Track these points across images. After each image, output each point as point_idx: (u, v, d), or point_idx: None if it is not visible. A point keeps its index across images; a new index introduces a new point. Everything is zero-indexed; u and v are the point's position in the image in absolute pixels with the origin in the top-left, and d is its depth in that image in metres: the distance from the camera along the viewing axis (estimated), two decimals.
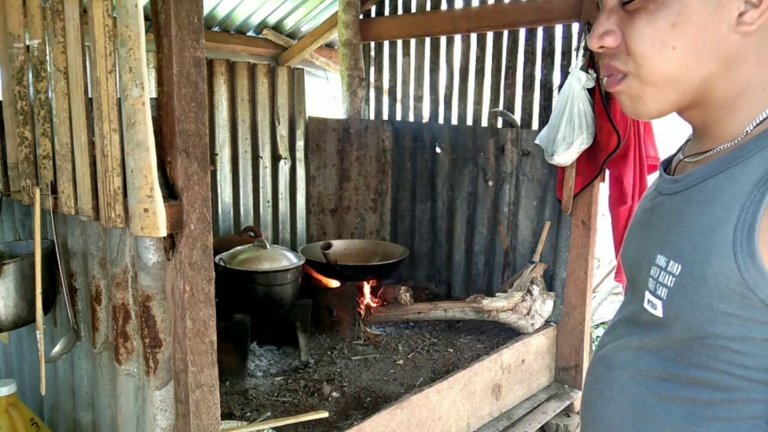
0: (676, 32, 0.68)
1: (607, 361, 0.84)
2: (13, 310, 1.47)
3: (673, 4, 0.68)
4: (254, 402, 2.09)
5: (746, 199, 0.65)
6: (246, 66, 3.30)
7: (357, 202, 3.57)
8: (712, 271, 0.66)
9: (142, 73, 1.04)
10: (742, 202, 0.65)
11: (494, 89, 3.00)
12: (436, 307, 2.68)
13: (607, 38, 0.73)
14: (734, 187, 0.67)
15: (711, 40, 0.68)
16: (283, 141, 3.52)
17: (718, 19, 0.67)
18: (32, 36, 1.32)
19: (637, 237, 0.84)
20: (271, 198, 3.53)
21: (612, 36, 0.72)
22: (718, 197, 0.69)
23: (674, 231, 0.73)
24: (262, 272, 2.35)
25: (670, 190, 0.78)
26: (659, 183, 0.83)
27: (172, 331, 1.22)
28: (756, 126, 0.70)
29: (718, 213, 0.67)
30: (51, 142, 1.32)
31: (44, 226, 1.48)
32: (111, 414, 1.47)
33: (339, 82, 3.60)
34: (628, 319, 0.83)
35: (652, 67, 0.70)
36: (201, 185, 1.14)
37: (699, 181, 0.73)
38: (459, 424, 2.19)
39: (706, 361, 0.69)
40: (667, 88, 0.71)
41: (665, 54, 0.69)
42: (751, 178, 0.66)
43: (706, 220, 0.68)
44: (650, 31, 0.69)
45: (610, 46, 0.73)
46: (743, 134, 0.71)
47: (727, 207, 0.67)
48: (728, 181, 0.68)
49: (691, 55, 0.68)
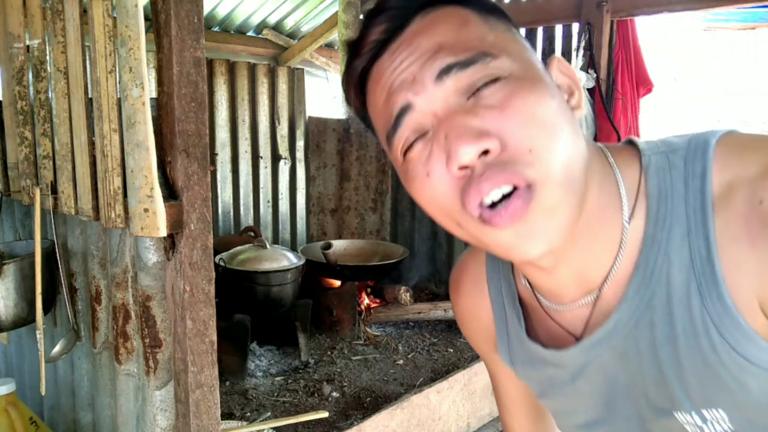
0: (556, 109, 0.55)
1: None
2: (13, 310, 1.47)
3: (539, 79, 0.56)
4: (254, 402, 2.09)
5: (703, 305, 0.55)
6: (246, 66, 3.30)
7: (357, 202, 3.57)
8: (756, 384, 0.55)
9: (142, 73, 1.04)
10: (699, 312, 0.55)
11: None
12: (436, 307, 2.68)
13: (487, 140, 0.53)
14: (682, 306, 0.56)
15: (573, 120, 0.58)
16: (283, 141, 3.52)
17: (563, 100, 0.59)
18: (32, 36, 1.32)
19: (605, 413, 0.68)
20: (271, 198, 3.53)
21: (492, 137, 0.53)
22: (677, 327, 0.57)
23: (665, 382, 0.60)
24: (262, 272, 2.35)
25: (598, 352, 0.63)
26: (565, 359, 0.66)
27: (172, 331, 1.22)
28: (630, 218, 0.59)
29: (691, 340, 0.57)
30: (51, 142, 1.32)
31: (44, 226, 1.48)
32: (111, 414, 1.47)
33: (339, 82, 3.60)
34: None
35: (561, 159, 0.53)
36: (201, 185, 1.14)
37: (635, 321, 0.60)
38: (459, 424, 2.19)
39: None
40: (576, 187, 0.55)
41: (563, 137, 0.54)
42: (682, 286, 0.56)
43: (691, 353, 0.57)
44: (542, 111, 0.54)
45: (493, 150, 0.53)
46: (622, 242, 0.59)
47: (692, 327, 0.56)
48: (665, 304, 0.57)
49: (574, 136, 0.56)
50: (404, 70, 0.58)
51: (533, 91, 0.54)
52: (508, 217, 0.53)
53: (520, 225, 0.54)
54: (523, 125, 0.53)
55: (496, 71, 0.55)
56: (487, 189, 0.53)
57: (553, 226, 0.54)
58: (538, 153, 0.53)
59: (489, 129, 0.53)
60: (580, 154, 0.56)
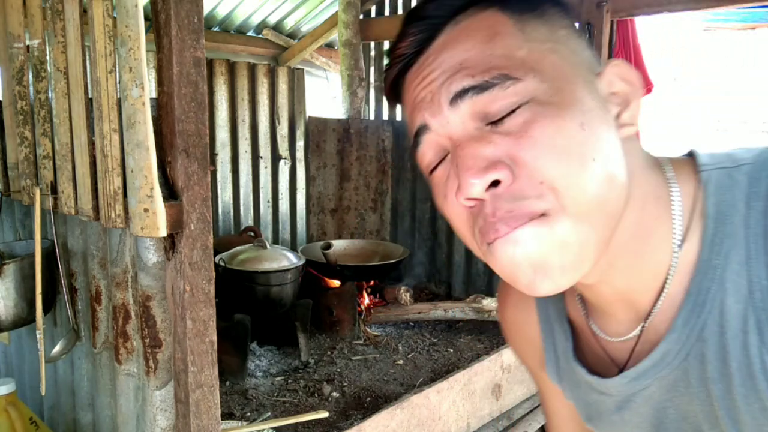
0: (588, 136, 0.50)
1: None
2: (13, 310, 1.47)
3: (570, 102, 0.51)
4: (254, 402, 2.09)
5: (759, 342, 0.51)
6: (246, 66, 3.30)
7: (357, 202, 3.57)
8: None
9: (142, 73, 1.04)
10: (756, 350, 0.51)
11: None
12: (436, 307, 2.68)
13: (498, 171, 0.50)
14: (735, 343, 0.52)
15: (615, 144, 0.53)
16: (283, 141, 3.52)
17: (609, 119, 0.54)
18: (32, 36, 1.32)
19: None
20: (271, 198, 3.53)
21: (503, 168, 0.50)
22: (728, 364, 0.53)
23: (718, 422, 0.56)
24: (262, 272, 2.35)
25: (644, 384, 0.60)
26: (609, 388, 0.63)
27: (172, 331, 1.22)
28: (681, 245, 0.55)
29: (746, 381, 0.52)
30: (51, 142, 1.32)
31: (44, 226, 1.48)
32: (111, 414, 1.47)
33: (339, 82, 3.60)
34: None
35: (581, 191, 0.50)
36: (201, 185, 1.14)
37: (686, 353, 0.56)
38: (459, 424, 2.19)
39: None
40: (599, 220, 0.51)
41: (589, 167, 0.50)
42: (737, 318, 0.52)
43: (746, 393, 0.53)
44: (561, 140, 0.50)
45: (504, 181, 0.50)
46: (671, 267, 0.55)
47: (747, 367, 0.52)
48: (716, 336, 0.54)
49: (609, 165, 0.51)
50: (425, 87, 0.56)
51: (556, 118, 0.50)
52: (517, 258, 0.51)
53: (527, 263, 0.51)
54: (538, 156, 0.50)
55: (515, 97, 0.51)
56: (500, 230, 0.51)
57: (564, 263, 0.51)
58: (552, 185, 0.49)
59: (501, 158, 0.50)
60: (612, 182, 0.51)
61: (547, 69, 0.52)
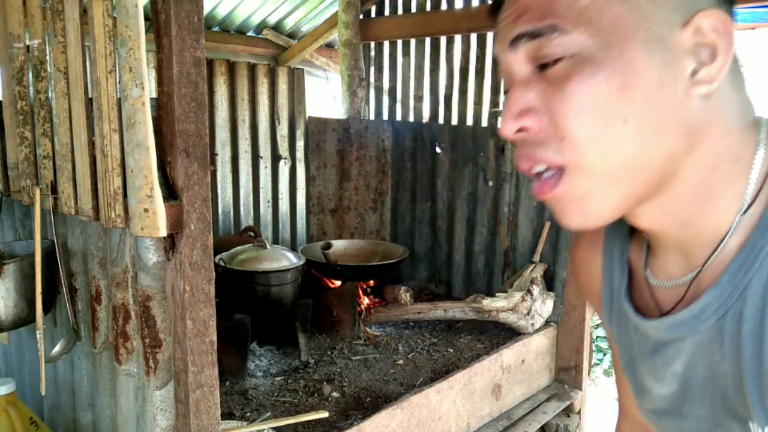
0: (625, 98, 0.51)
1: None
2: (13, 310, 1.47)
3: (615, 62, 0.51)
4: (254, 402, 2.09)
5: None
6: (246, 66, 3.30)
7: (357, 202, 3.57)
8: None
9: (142, 73, 1.04)
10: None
11: (494, 89, 3.00)
12: (436, 307, 2.68)
13: (528, 118, 0.54)
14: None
15: (669, 106, 0.52)
16: (283, 141, 3.52)
17: (672, 79, 0.52)
18: (32, 36, 1.32)
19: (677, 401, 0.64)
20: (271, 198, 3.53)
21: (534, 115, 0.54)
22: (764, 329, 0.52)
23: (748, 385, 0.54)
24: (262, 272, 2.35)
25: (684, 331, 0.60)
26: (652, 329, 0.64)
27: (172, 331, 1.22)
28: (747, 209, 0.55)
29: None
30: (51, 142, 1.32)
31: (44, 226, 1.48)
32: (111, 414, 1.47)
33: (339, 82, 3.60)
34: None
35: (600, 151, 0.52)
36: (201, 185, 1.14)
37: (725, 310, 0.55)
38: (459, 424, 2.19)
39: None
40: (623, 179, 0.53)
41: (616, 130, 0.51)
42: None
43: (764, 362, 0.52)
44: (591, 101, 0.51)
45: (531, 128, 0.54)
46: (732, 227, 0.55)
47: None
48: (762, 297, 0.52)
49: (649, 127, 0.51)
50: (502, 21, 0.59)
51: (591, 77, 0.51)
52: (535, 192, 0.57)
53: (551, 203, 0.57)
54: (566, 112, 0.52)
55: (559, 49, 0.52)
56: (520, 166, 0.56)
57: (584, 212, 0.55)
58: (573, 143, 0.52)
59: (536, 107, 0.54)
60: (649, 143, 0.52)
61: (604, 22, 0.51)
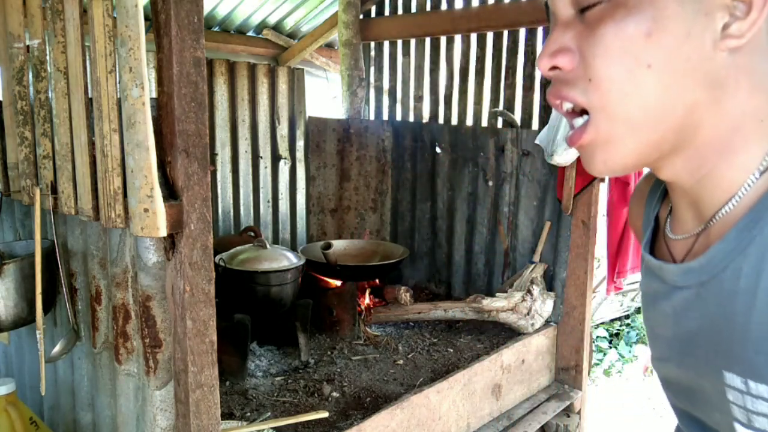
0: (651, 44, 0.52)
1: None
2: (13, 310, 1.47)
3: (646, 8, 0.52)
4: (254, 402, 2.09)
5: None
6: (246, 66, 3.30)
7: (357, 202, 3.57)
8: None
9: (142, 73, 1.04)
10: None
11: (494, 89, 3.00)
12: (436, 307, 2.68)
13: (561, 57, 0.57)
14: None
15: (694, 56, 0.53)
16: (283, 141, 3.52)
17: (701, 30, 0.53)
18: (32, 36, 1.32)
19: (673, 352, 0.67)
20: (271, 198, 3.53)
21: (568, 55, 0.57)
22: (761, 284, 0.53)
23: (731, 338, 0.56)
24: (262, 272, 2.35)
25: (688, 281, 0.62)
26: (663, 274, 0.66)
27: (172, 331, 1.22)
28: (763, 172, 0.56)
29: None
30: (51, 142, 1.32)
31: (44, 226, 1.48)
32: (111, 414, 1.47)
33: (339, 82, 3.60)
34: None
35: (622, 94, 0.54)
36: (201, 185, 1.14)
37: (725, 265, 0.57)
38: (459, 424, 2.19)
39: None
40: (643, 124, 0.55)
41: (639, 74, 0.53)
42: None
43: (765, 315, 0.53)
44: (618, 44, 0.53)
45: (564, 67, 0.57)
46: (748, 185, 0.56)
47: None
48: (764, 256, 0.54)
49: (672, 75, 0.53)
50: None
51: (621, 21, 0.53)
52: (568, 141, 0.61)
53: (580, 151, 0.60)
54: (595, 54, 0.55)
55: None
56: (549, 100, 0.60)
57: (607, 158, 0.58)
58: (598, 84, 0.55)
59: (571, 47, 0.57)
60: (670, 91, 0.54)
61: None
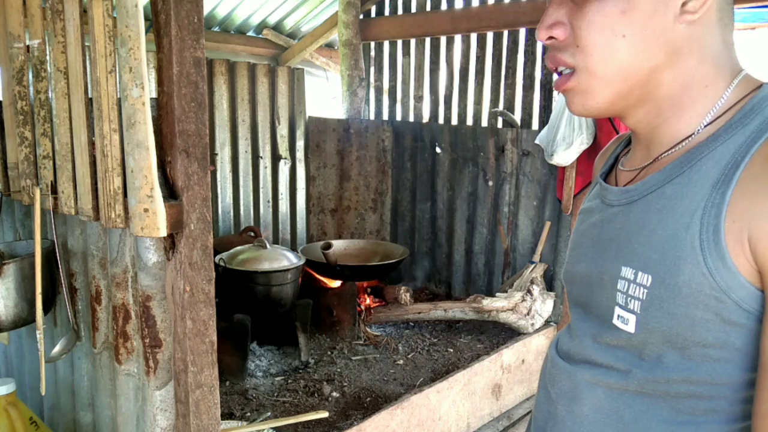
0: (625, 19, 0.67)
1: (570, 375, 0.81)
2: (13, 310, 1.47)
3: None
4: (254, 402, 2.09)
5: (706, 201, 0.64)
6: (246, 66, 3.30)
7: (357, 202, 3.57)
8: (684, 279, 0.64)
9: (142, 73, 1.04)
10: (702, 205, 0.65)
11: (494, 89, 3.00)
12: (436, 307, 2.68)
13: (556, 29, 0.72)
14: (693, 191, 0.66)
15: (658, 28, 0.67)
16: (283, 141, 3.52)
17: (665, 7, 0.67)
18: (32, 36, 1.32)
19: (589, 252, 0.81)
20: (271, 198, 3.53)
21: (561, 27, 0.71)
22: (677, 203, 0.68)
23: (637, 241, 0.71)
24: (262, 272, 2.35)
25: (621, 200, 0.77)
26: (604, 195, 0.81)
27: (172, 331, 1.22)
28: (705, 126, 0.69)
29: (680, 218, 0.66)
30: (51, 142, 1.32)
31: (44, 226, 1.48)
32: (111, 414, 1.47)
33: (339, 82, 3.60)
34: (587, 336, 0.79)
35: (601, 57, 0.69)
36: (201, 185, 1.14)
37: (655, 188, 0.72)
38: (459, 424, 2.19)
39: (687, 373, 0.67)
40: (616, 80, 0.70)
41: (615, 42, 0.68)
42: (708, 180, 0.65)
43: (669, 227, 0.67)
44: (600, 18, 0.68)
45: (558, 37, 0.72)
46: (693, 134, 0.70)
47: (688, 212, 0.66)
48: (685, 185, 0.68)
49: (640, 43, 0.68)
50: None
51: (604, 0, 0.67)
52: (555, 86, 0.76)
53: (564, 94, 0.75)
54: (581, 26, 0.69)
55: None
56: (547, 64, 0.76)
57: (585, 102, 0.73)
58: (583, 49, 0.70)
59: (563, 21, 0.71)
60: (639, 56, 0.68)
61: None
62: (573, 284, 0.85)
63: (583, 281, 0.82)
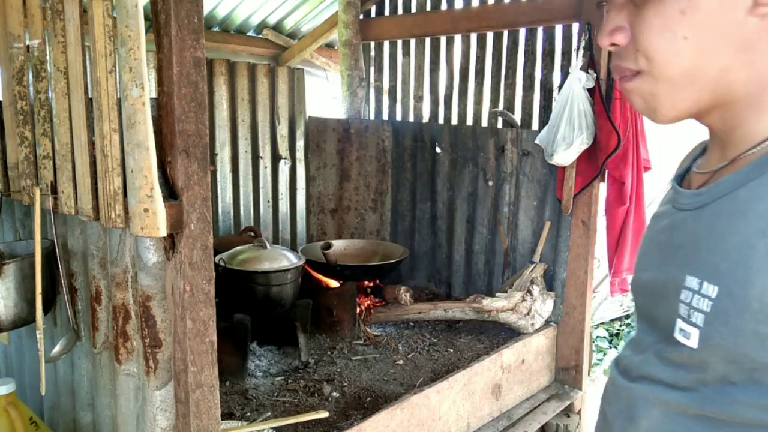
0: (686, 20, 0.63)
1: (628, 393, 0.76)
2: (13, 310, 1.47)
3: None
4: (254, 402, 2.09)
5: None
6: (246, 66, 3.30)
7: (357, 202, 3.57)
8: (755, 292, 0.58)
9: (142, 73, 1.04)
10: None
11: (494, 89, 3.00)
12: (436, 307, 2.68)
13: (617, 35, 0.68)
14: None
15: (726, 26, 0.62)
16: (283, 141, 3.52)
17: (733, 2, 0.62)
18: (32, 36, 1.32)
19: (656, 259, 0.76)
20: (271, 198, 3.53)
21: (622, 33, 0.68)
22: (752, 207, 0.62)
23: (705, 248, 0.66)
24: (262, 272, 2.35)
25: (692, 204, 0.71)
26: (676, 198, 0.76)
27: (172, 331, 1.22)
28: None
29: (754, 225, 0.60)
30: (51, 142, 1.32)
31: (44, 226, 1.48)
32: (111, 414, 1.47)
33: (339, 82, 3.60)
34: (650, 350, 0.74)
35: (664, 61, 0.65)
36: (201, 185, 1.14)
37: (728, 192, 0.66)
38: (459, 424, 2.19)
39: (754, 398, 0.60)
40: (682, 84, 0.66)
41: (677, 45, 0.64)
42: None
43: (741, 234, 0.61)
44: (659, 21, 0.64)
45: (620, 43, 0.68)
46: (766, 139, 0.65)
47: (764, 218, 0.60)
48: (762, 188, 0.62)
49: (705, 44, 0.63)
50: None
51: (662, 2, 0.64)
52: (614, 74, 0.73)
53: (625, 92, 0.72)
54: (642, 30, 0.66)
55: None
56: (614, 77, 0.73)
57: (651, 107, 0.70)
58: (645, 53, 0.66)
59: (624, 26, 0.68)
60: (704, 57, 0.64)
61: None
62: (638, 294, 0.80)
63: (647, 291, 0.77)
